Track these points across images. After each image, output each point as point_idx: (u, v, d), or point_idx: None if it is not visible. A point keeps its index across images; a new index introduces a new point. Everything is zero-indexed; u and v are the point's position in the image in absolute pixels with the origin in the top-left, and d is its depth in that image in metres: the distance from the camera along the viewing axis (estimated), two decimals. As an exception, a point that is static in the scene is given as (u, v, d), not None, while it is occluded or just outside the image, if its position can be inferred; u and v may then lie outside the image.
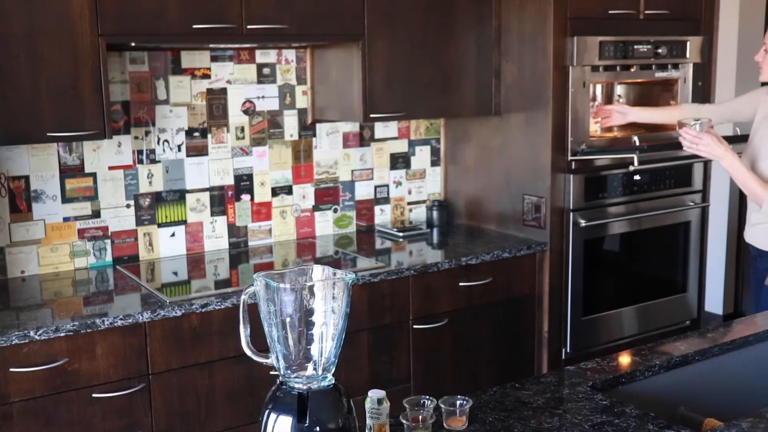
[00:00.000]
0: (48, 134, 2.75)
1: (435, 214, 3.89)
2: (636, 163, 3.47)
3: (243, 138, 3.51)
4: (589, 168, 3.55)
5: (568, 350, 3.63)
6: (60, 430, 2.57)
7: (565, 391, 2.02)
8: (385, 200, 3.94)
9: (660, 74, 3.74)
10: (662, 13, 3.69)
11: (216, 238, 3.50)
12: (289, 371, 1.56)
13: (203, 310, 2.77)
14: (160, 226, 3.37)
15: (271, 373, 1.69)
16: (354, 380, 2.99)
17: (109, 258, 3.28)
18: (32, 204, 3.11)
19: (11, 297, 2.91)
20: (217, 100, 3.43)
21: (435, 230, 3.85)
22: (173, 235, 3.41)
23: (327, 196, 3.76)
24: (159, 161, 3.34)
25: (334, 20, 3.20)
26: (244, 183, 3.54)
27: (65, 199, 3.17)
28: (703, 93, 3.88)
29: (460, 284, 3.32)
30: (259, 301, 1.56)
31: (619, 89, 4.00)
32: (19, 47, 2.65)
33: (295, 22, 3.10)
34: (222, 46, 3.33)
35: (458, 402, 1.82)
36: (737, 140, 3.27)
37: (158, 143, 3.33)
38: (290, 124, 3.62)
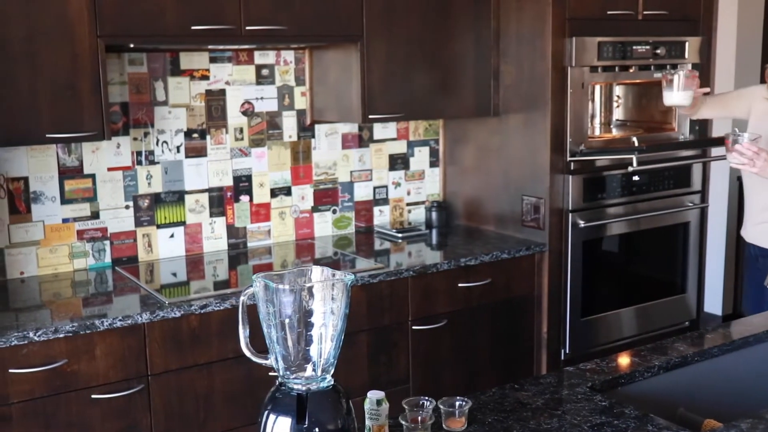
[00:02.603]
0: (47, 135, 2.75)
1: (434, 215, 3.89)
2: (635, 163, 3.47)
3: (242, 139, 3.51)
4: (588, 169, 3.55)
5: (567, 351, 3.63)
6: (59, 431, 2.56)
7: (564, 392, 2.02)
8: (384, 201, 3.94)
9: (658, 75, 3.73)
10: (661, 14, 3.69)
11: (215, 239, 3.50)
12: (288, 372, 1.56)
13: (202, 311, 2.77)
14: (159, 227, 3.37)
15: (270, 374, 1.69)
16: (353, 381, 2.99)
17: (108, 259, 3.28)
18: (31, 205, 3.11)
19: (10, 298, 2.91)
20: (215, 101, 3.43)
21: (434, 231, 3.85)
22: (172, 236, 3.40)
23: (326, 197, 3.76)
24: (158, 162, 3.34)
25: (332, 21, 3.20)
26: (243, 184, 3.54)
27: (64, 201, 3.17)
28: (702, 94, 3.88)
29: (459, 285, 3.32)
30: (258, 302, 1.56)
31: (618, 90, 4.01)
32: (18, 49, 2.65)
33: (293, 24, 3.10)
34: (221, 47, 3.33)
35: (457, 403, 1.82)
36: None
37: (157, 144, 3.33)
38: (289, 125, 3.62)
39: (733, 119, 3.67)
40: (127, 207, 3.30)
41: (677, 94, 3.22)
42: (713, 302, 4.99)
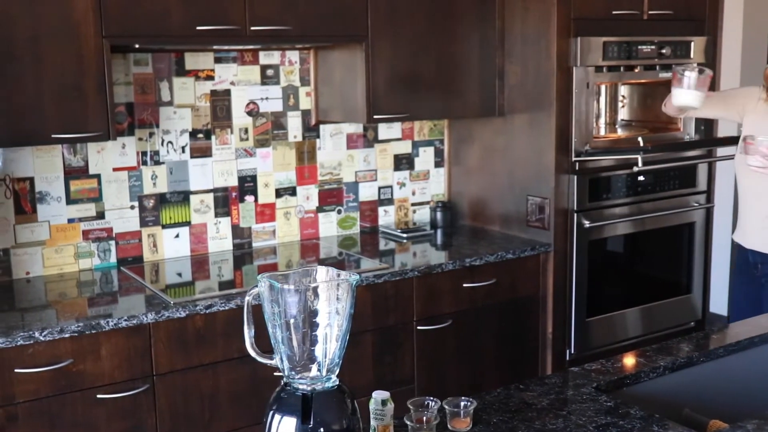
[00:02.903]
0: (52, 136, 2.75)
1: (439, 215, 3.89)
2: (640, 163, 3.46)
3: (247, 139, 3.51)
4: (593, 169, 3.55)
5: (572, 351, 3.62)
6: (64, 431, 2.57)
7: (570, 392, 2.02)
8: (389, 201, 3.94)
9: (664, 75, 3.72)
10: (666, 14, 3.68)
11: (220, 240, 3.50)
12: (293, 372, 1.56)
13: (207, 312, 2.77)
14: (164, 227, 3.38)
15: (276, 374, 1.69)
16: (358, 381, 2.99)
17: (113, 259, 3.29)
18: (37, 205, 3.12)
19: (16, 298, 2.91)
20: (220, 101, 3.44)
21: (439, 231, 3.85)
22: (177, 236, 3.41)
23: (331, 197, 3.76)
24: (163, 163, 3.35)
25: (337, 21, 3.20)
26: (248, 184, 3.54)
27: (70, 201, 3.18)
28: (707, 94, 3.87)
29: (464, 285, 3.32)
30: (263, 303, 1.56)
31: (623, 89, 4.00)
32: (23, 49, 2.65)
33: (298, 24, 3.10)
34: (226, 47, 3.33)
35: (462, 403, 1.82)
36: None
37: (162, 145, 3.33)
38: (294, 125, 3.62)
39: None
40: (132, 207, 3.30)
41: (688, 94, 3.04)
42: (719, 302, 4.97)
